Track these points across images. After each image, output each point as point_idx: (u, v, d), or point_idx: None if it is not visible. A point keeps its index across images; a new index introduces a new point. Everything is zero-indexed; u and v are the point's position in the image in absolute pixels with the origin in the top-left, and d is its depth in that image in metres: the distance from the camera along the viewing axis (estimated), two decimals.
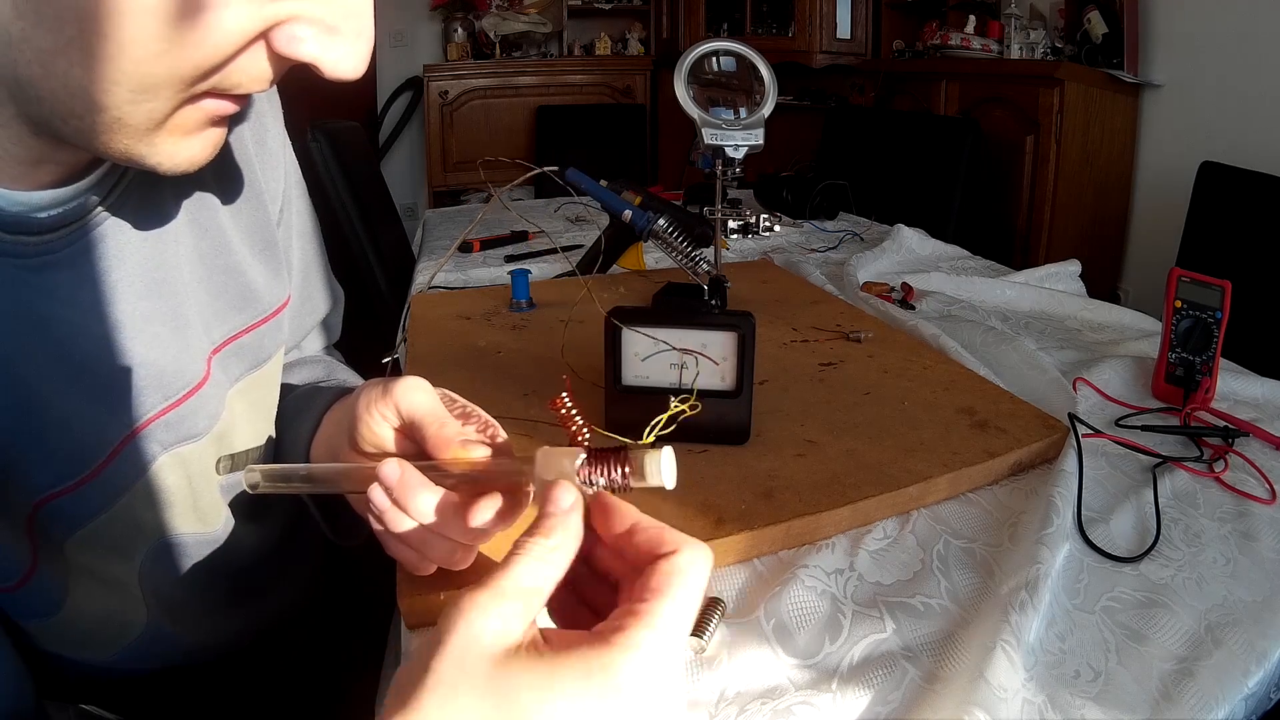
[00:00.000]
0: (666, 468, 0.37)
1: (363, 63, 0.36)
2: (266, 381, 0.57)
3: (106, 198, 0.43)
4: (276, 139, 0.59)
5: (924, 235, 1.44)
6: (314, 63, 0.35)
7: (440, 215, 1.90)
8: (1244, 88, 2.16)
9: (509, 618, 0.30)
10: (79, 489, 0.44)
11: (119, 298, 0.44)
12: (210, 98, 0.36)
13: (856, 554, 0.56)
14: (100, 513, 0.46)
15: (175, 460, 0.49)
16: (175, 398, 0.48)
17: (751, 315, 0.62)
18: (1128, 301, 2.40)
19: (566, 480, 0.36)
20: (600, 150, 3.46)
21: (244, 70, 0.35)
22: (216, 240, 0.52)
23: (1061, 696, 0.44)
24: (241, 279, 0.54)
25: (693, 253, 0.93)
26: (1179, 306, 0.78)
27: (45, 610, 0.45)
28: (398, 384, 0.44)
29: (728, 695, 0.45)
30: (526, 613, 0.30)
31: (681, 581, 0.32)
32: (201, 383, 0.50)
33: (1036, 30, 2.65)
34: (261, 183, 0.56)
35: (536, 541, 0.32)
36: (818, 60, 3.39)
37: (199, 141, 0.38)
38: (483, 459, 0.41)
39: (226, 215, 0.53)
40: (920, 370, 0.81)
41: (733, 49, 0.97)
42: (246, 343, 0.54)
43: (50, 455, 0.43)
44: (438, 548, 0.42)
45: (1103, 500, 0.63)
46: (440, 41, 4.00)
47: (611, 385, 0.65)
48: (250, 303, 0.55)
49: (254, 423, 0.56)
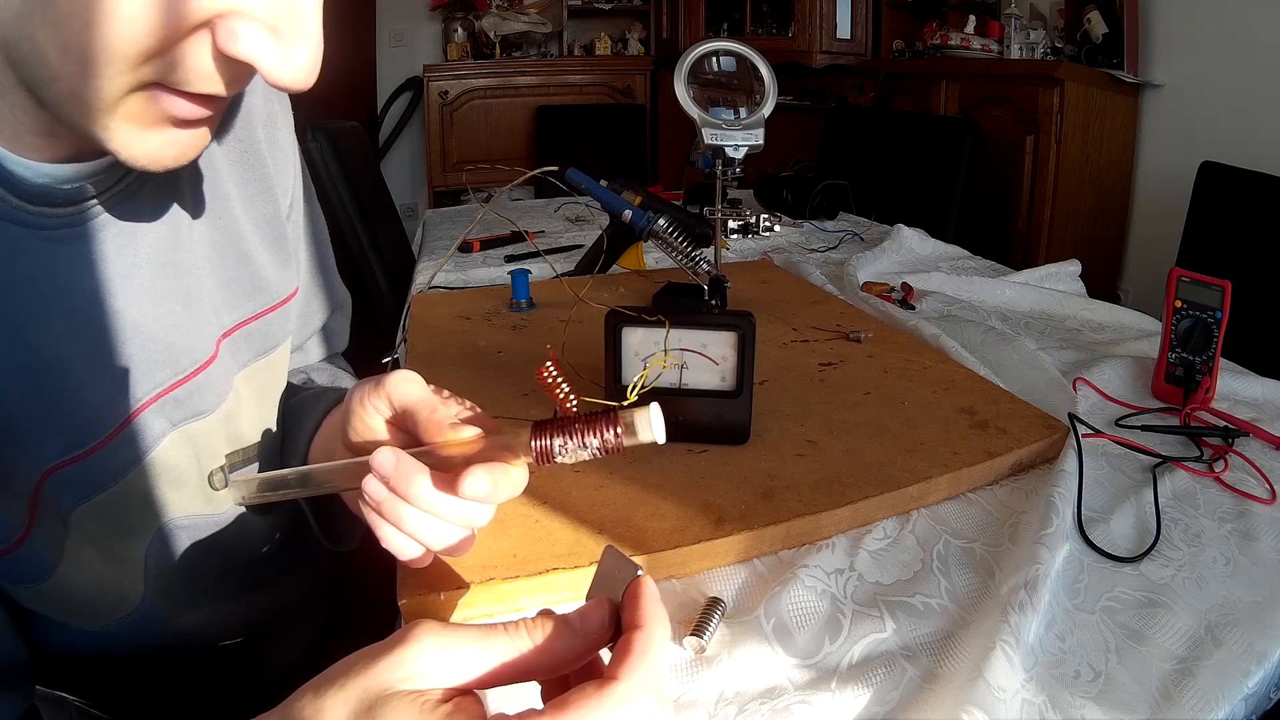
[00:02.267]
0: (656, 422, 0.37)
1: (305, 71, 0.35)
2: (273, 369, 0.58)
3: (124, 178, 0.44)
4: (287, 138, 0.60)
5: (924, 235, 1.44)
6: (252, 63, 0.34)
7: (440, 215, 1.90)
8: (1244, 88, 2.16)
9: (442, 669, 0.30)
10: (87, 459, 0.45)
11: (134, 275, 0.45)
12: (164, 91, 0.35)
13: (856, 554, 0.56)
14: (108, 485, 0.46)
15: (183, 438, 0.50)
16: (184, 374, 0.49)
17: (751, 315, 0.62)
18: (1128, 301, 2.40)
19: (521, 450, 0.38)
20: (600, 150, 3.46)
21: (189, 65, 0.34)
22: (229, 229, 0.53)
23: (1061, 696, 0.44)
24: (252, 267, 0.55)
25: (693, 253, 0.93)
26: (1179, 306, 0.78)
27: (35, 575, 0.44)
28: (389, 376, 0.44)
29: (727, 695, 0.45)
30: (457, 673, 0.30)
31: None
32: (209, 361, 0.51)
33: (1036, 30, 2.65)
34: (273, 177, 0.58)
35: (521, 628, 0.32)
36: (818, 60, 3.39)
37: (159, 139, 0.37)
38: (475, 438, 0.41)
39: (239, 206, 0.54)
40: (920, 370, 0.81)
41: (733, 49, 0.97)
42: (255, 329, 0.56)
43: (61, 423, 0.43)
44: (437, 533, 0.42)
45: (1103, 500, 0.63)
46: (440, 41, 4.00)
47: (611, 385, 0.65)
48: (260, 291, 0.56)
49: (260, 408, 0.57)
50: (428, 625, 0.30)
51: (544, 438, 0.39)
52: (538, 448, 0.39)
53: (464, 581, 0.49)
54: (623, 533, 0.54)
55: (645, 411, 0.37)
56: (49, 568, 0.45)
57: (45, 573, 0.45)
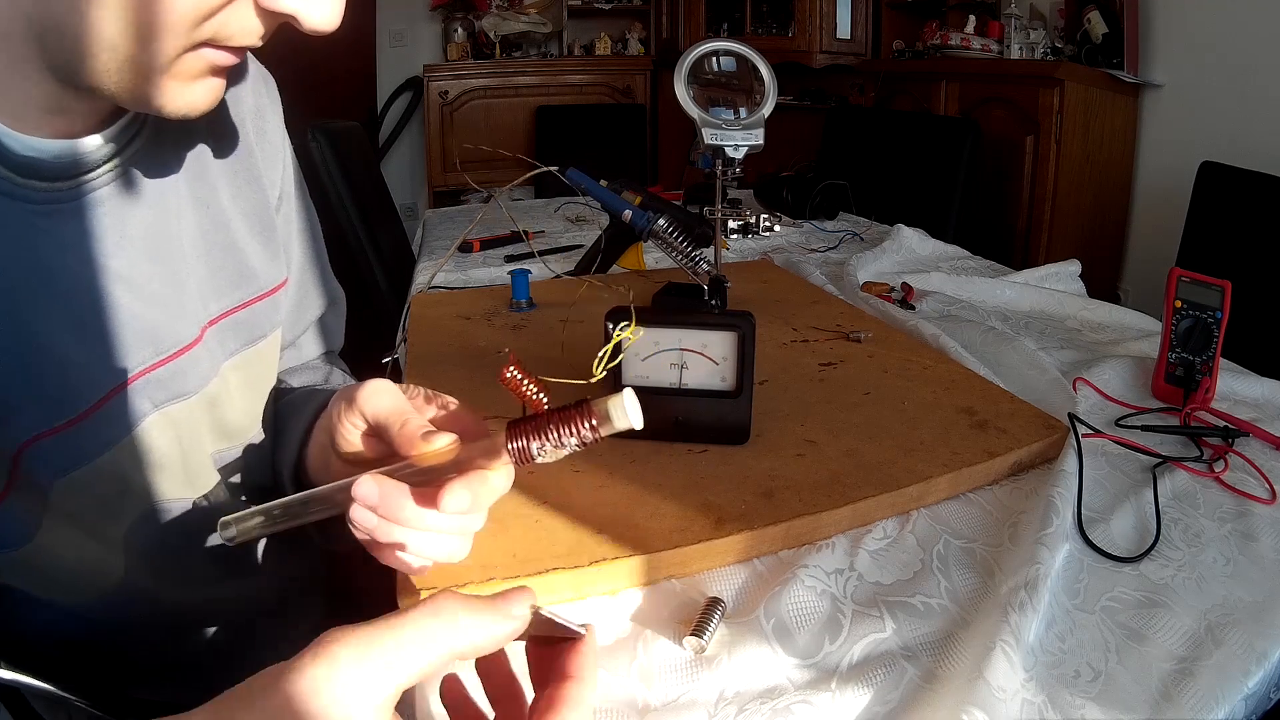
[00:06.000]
0: (631, 408, 0.36)
1: (337, 15, 0.41)
2: (262, 359, 0.59)
3: (114, 157, 0.46)
4: (276, 132, 0.61)
5: (924, 235, 1.44)
6: (294, 14, 0.39)
7: (440, 215, 1.90)
8: (1244, 88, 2.16)
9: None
10: (66, 431, 0.45)
11: (120, 254, 0.46)
12: (209, 47, 0.40)
13: (856, 554, 0.56)
14: (87, 461, 0.46)
15: (165, 420, 0.50)
16: (166, 354, 0.49)
17: (751, 315, 0.62)
18: (1128, 301, 2.40)
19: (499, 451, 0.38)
20: (600, 150, 3.46)
21: (236, 22, 0.39)
22: (217, 218, 0.54)
23: (1061, 696, 0.44)
24: (239, 256, 0.56)
25: (693, 253, 0.93)
26: (1179, 306, 0.78)
27: (12, 540, 0.44)
28: (361, 390, 0.45)
29: (727, 695, 0.45)
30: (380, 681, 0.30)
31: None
32: (193, 343, 0.51)
33: (1036, 30, 2.65)
34: (261, 169, 0.59)
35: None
36: (818, 60, 3.39)
37: (201, 88, 0.42)
38: (449, 446, 0.41)
39: (227, 195, 0.56)
40: (920, 370, 0.81)
41: (733, 49, 0.97)
42: (242, 318, 0.56)
43: (41, 395, 0.44)
44: (434, 546, 0.42)
45: (1103, 500, 0.63)
46: (440, 41, 3.99)
47: (611, 385, 0.65)
48: (247, 280, 0.57)
49: (248, 398, 0.58)
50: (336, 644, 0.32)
51: (520, 439, 0.38)
52: (515, 449, 0.38)
53: (464, 582, 0.49)
54: (623, 533, 0.54)
55: (619, 399, 0.36)
56: (25, 535, 0.45)
57: (21, 540, 0.44)
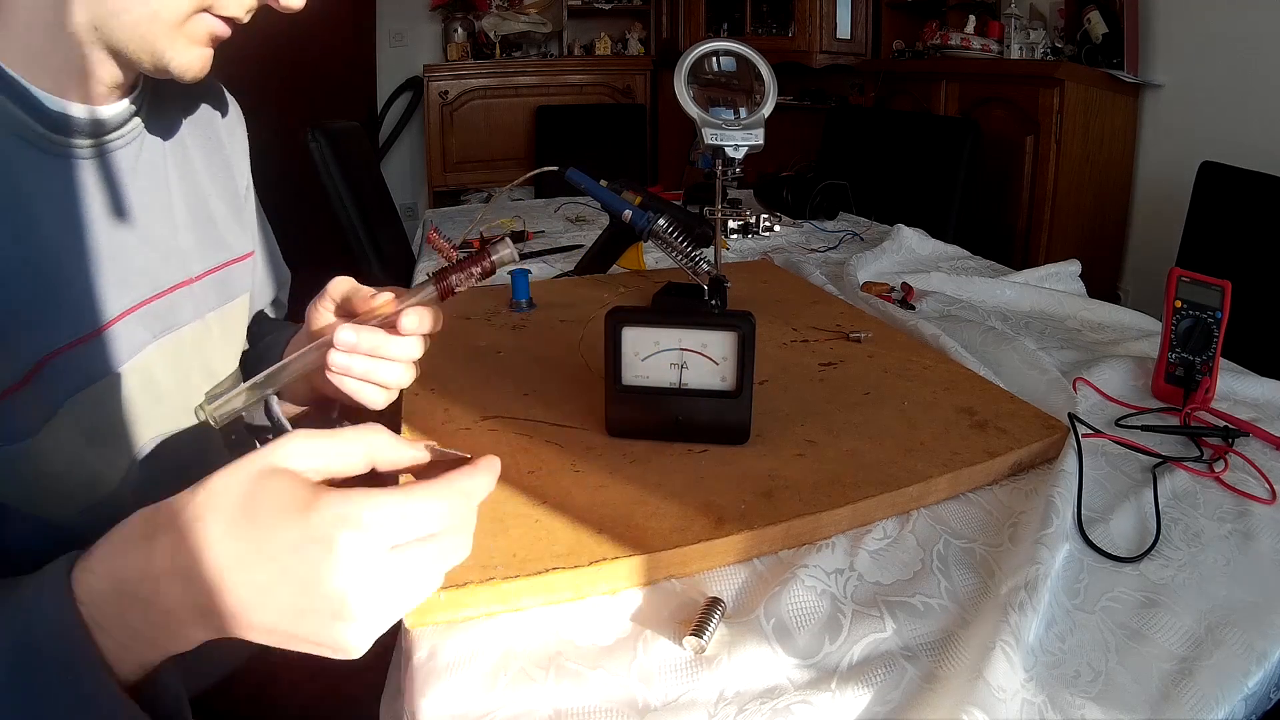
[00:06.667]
0: (510, 251, 0.57)
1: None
2: (236, 313, 0.71)
3: (123, 125, 0.56)
4: (240, 141, 0.76)
5: (924, 235, 1.44)
6: None
7: (440, 215, 1.90)
8: (1244, 88, 2.16)
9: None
10: (78, 348, 0.52)
11: (127, 204, 0.57)
12: (208, 14, 0.51)
13: (856, 554, 0.56)
14: (97, 378, 0.53)
15: (160, 352, 0.59)
16: (162, 289, 0.60)
17: (751, 315, 0.62)
18: (1128, 301, 2.40)
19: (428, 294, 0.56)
20: (600, 150, 3.46)
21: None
22: (198, 193, 0.67)
23: (1061, 696, 0.44)
24: (218, 227, 0.69)
25: (693, 253, 0.93)
26: (1179, 306, 0.78)
27: (13, 435, 0.48)
28: (328, 284, 0.59)
29: (727, 695, 0.45)
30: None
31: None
32: (184, 282, 0.62)
33: (1036, 30, 2.65)
34: (233, 162, 0.73)
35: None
36: (818, 60, 3.39)
37: (199, 54, 0.53)
38: (393, 300, 0.56)
39: (205, 176, 0.68)
40: (920, 370, 0.81)
41: (733, 49, 0.97)
42: (220, 277, 0.68)
43: (59, 309, 0.51)
44: (392, 374, 0.56)
45: (1103, 500, 0.63)
46: (440, 41, 3.99)
47: (611, 385, 0.65)
48: (223, 246, 0.69)
49: (226, 346, 0.69)
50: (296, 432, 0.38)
51: (444, 279, 0.57)
52: (441, 288, 0.56)
53: (464, 581, 0.49)
54: (623, 532, 0.54)
55: (505, 242, 0.57)
56: (25, 432, 0.48)
57: (22, 434, 0.48)
